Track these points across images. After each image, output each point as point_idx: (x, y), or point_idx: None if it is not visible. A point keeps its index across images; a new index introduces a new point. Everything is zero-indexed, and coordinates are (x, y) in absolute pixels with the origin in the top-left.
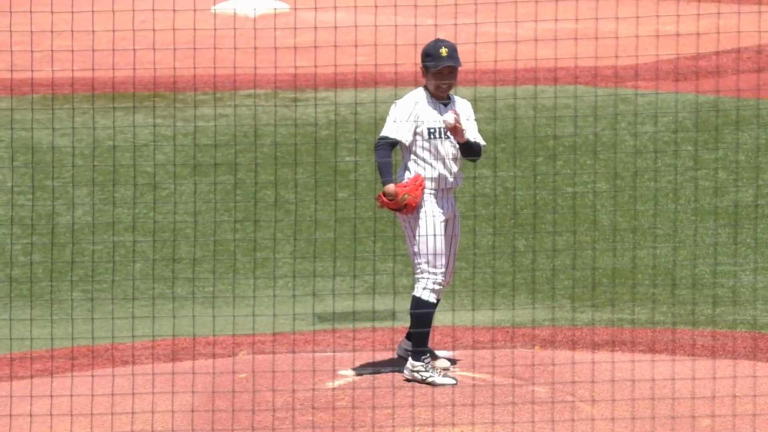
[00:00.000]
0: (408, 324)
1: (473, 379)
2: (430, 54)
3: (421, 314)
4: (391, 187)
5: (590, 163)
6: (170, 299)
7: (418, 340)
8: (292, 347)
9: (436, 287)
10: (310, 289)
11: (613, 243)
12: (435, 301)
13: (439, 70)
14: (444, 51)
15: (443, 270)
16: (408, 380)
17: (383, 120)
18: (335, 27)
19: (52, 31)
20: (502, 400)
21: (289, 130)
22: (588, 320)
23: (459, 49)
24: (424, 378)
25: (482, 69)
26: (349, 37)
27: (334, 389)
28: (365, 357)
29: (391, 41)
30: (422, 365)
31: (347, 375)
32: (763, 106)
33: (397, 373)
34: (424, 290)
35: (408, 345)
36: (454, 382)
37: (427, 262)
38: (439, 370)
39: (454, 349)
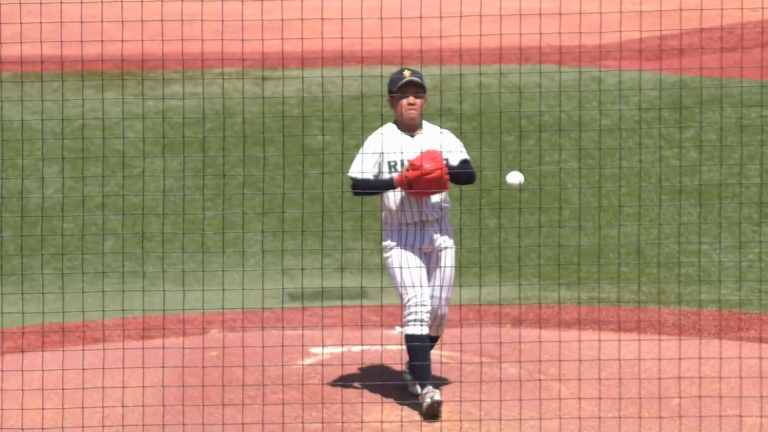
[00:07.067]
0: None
1: (440, 356)
2: (392, 79)
3: (413, 348)
4: (401, 176)
5: (558, 141)
6: (140, 276)
7: (418, 374)
8: (261, 324)
9: (416, 319)
10: (279, 267)
11: (581, 222)
12: (421, 333)
13: (401, 89)
14: (407, 72)
15: (418, 302)
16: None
17: (352, 98)
18: (301, 4)
19: (20, 5)
20: (471, 377)
21: (258, 108)
22: (556, 299)
23: (424, 26)
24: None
25: (448, 47)
26: (317, 14)
27: (303, 367)
28: (335, 334)
29: (359, 18)
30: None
31: (317, 353)
32: (730, 84)
33: (366, 351)
34: (407, 325)
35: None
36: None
37: (400, 296)
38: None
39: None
